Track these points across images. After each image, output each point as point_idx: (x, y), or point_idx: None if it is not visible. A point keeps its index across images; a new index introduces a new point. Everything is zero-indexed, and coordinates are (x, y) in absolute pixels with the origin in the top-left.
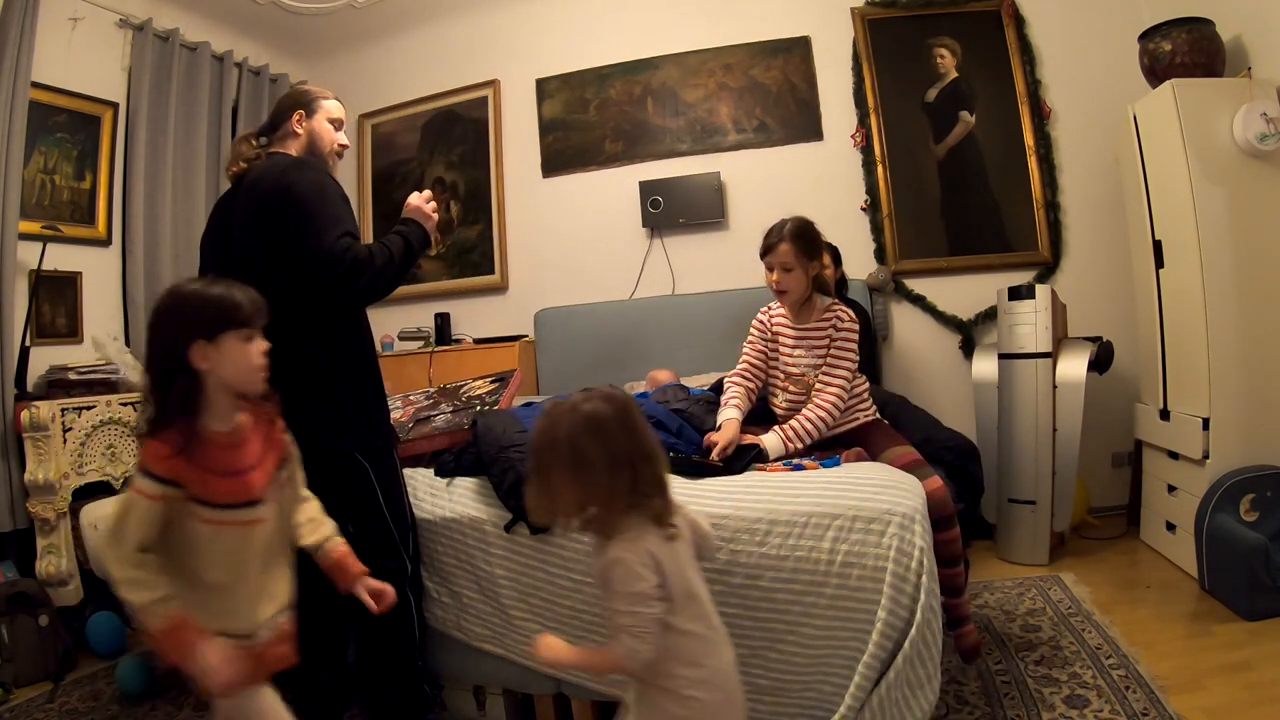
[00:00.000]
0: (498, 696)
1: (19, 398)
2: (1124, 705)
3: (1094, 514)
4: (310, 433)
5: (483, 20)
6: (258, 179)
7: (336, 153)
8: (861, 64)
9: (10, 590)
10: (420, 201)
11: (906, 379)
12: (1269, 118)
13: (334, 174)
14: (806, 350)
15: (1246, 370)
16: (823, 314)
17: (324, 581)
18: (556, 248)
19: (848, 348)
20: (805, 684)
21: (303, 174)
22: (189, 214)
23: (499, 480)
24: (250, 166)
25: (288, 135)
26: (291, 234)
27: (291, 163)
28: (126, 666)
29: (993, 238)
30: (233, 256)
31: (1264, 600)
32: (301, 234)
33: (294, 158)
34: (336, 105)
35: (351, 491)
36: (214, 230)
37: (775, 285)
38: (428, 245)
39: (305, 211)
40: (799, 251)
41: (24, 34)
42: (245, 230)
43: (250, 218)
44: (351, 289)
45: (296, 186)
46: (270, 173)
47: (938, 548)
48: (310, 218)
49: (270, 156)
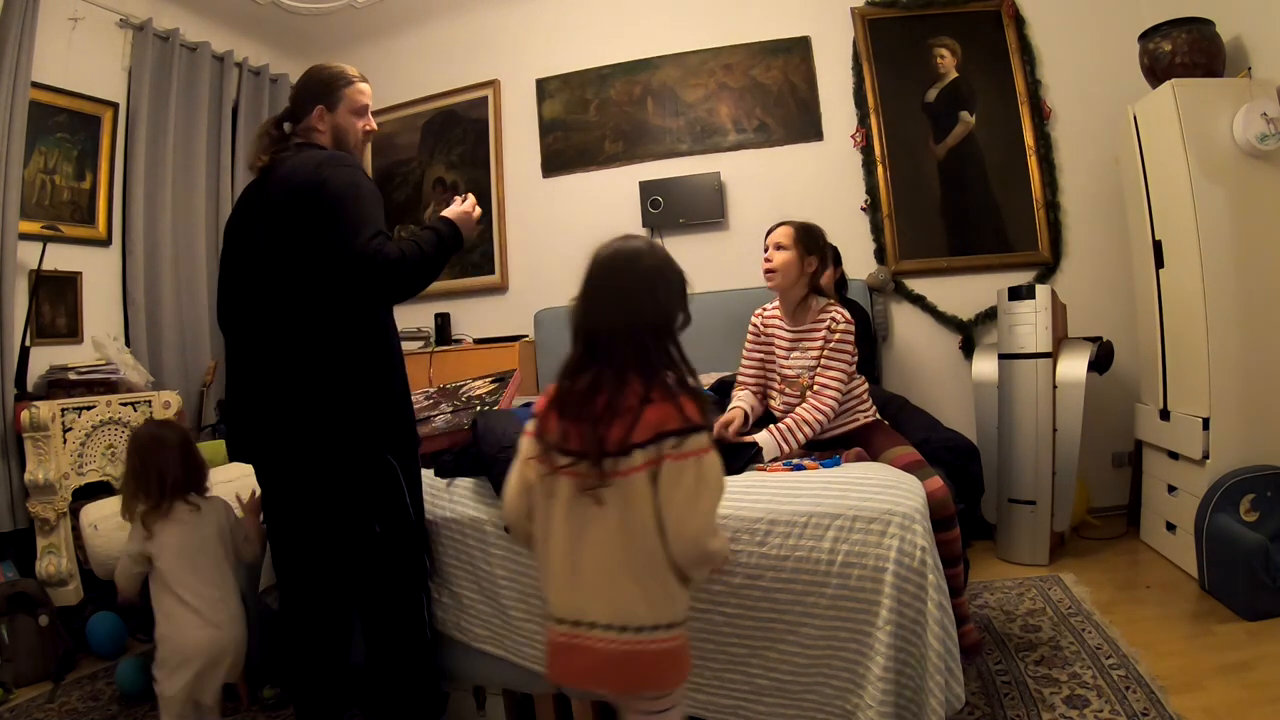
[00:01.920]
0: (498, 696)
1: (19, 398)
2: (1124, 705)
3: (1094, 514)
4: (341, 432)
5: (483, 20)
6: (290, 173)
7: (363, 140)
8: (861, 64)
9: (10, 590)
10: (467, 207)
11: (906, 379)
12: (1269, 118)
13: (364, 163)
14: (802, 352)
15: (1246, 370)
16: (818, 315)
17: (328, 582)
18: (556, 248)
19: (843, 349)
20: (806, 685)
21: (336, 171)
22: (189, 214)
23: (499, 480)
24: (279, 159)
25: (311, 129)
26: (323, 232)
27: (326, 158)
28: (126, 667)
29: (993, 238)
30: (258, 248)
31: (1264, 600)
32: (333, 233)
33: (327, 152)
34: (360, 90)
35: (380, 491)
36: (240, 221)
37: (765, 264)
38: (460, 245)
39: (338, 211)
40: (797, 237)
41: (24, 34)
42: (274, 224)
43: (280, 212)
44: (382, 291)
45: (330, 184)
46: (303, 168)
47: (938, 548)
48: (342, 217)
49: (299, 149)
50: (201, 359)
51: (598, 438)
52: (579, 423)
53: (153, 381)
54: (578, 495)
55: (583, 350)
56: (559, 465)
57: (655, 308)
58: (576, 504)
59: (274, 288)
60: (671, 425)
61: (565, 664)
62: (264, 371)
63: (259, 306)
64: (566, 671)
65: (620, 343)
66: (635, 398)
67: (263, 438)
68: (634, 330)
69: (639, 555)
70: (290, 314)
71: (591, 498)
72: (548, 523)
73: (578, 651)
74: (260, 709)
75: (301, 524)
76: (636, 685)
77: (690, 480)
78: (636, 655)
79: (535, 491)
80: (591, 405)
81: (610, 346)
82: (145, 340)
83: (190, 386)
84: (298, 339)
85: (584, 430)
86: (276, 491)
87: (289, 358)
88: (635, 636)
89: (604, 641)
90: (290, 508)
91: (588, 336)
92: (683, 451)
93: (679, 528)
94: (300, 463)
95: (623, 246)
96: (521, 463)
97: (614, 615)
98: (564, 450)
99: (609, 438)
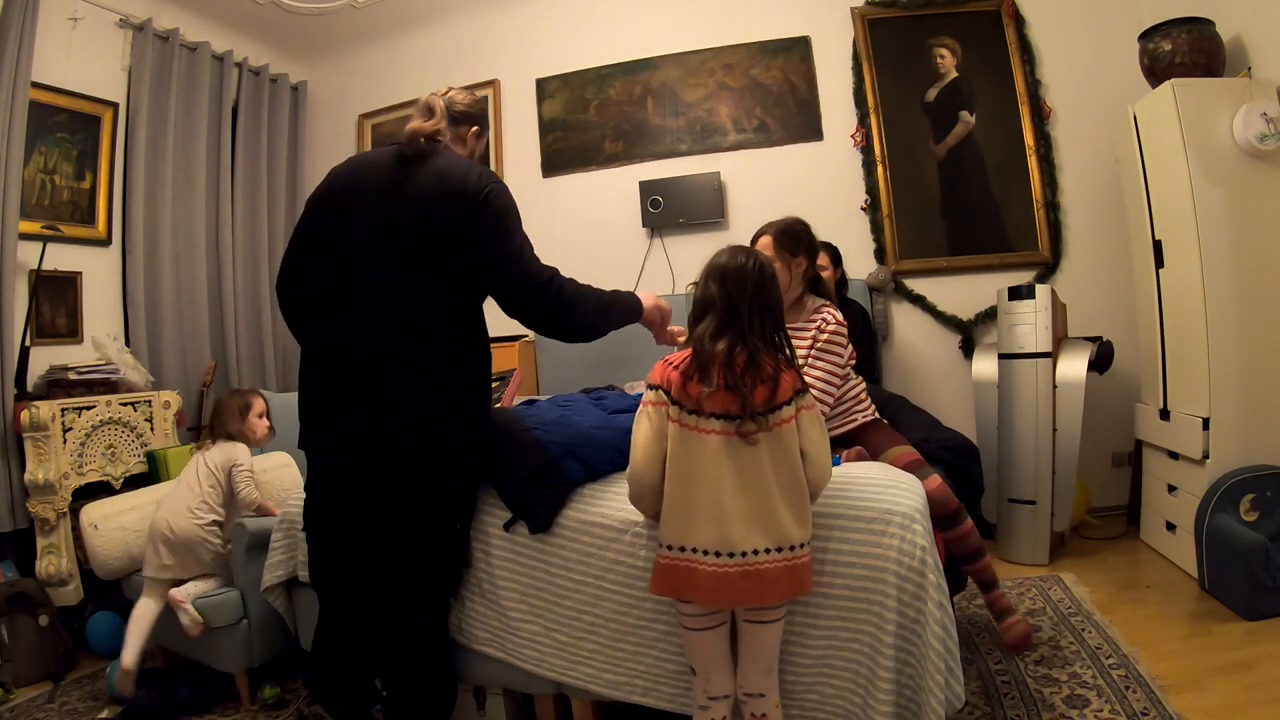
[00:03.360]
0: (498, 697)
1: (19, 398)
2: (1124, 705)
3: (1094, 514)
4: (451, 428)
5: (483, 20)
6: (447, 169)
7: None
8: (861, 64)
9: (10, 590)
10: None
11: (906, 379)
12: (1269, 118)
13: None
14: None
15: (1246, 370)
16: (810, 315)
17: (374, 588)
18: (556, 248)
19: (831, 349)
20: (806, 685)
21: (501, 185)
22: (189, 214)
23: (499, 479)
24: (425, 147)
25: (458, 139)
26: (486, 242)
27: (488, 170)
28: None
29: (993, 238)
30: (399, 231)
31: (1264, 600)
32: (500, 247)
33: (480, 165)
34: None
35: (463, 490)
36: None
37: None
38: (636, 318)
39: (505, 225)
40: (778, 246)
41: (24, 34)
42: (422, 215)
43: (436, 205)
44: (549, 319)
45: (498, 197)
46: (469, 170)
47: (952, 545)
48: (510, 233)
49: (447, 149)
50: (201, 359)
51: (749, 399)
52: (730, 390)
53: (153, 381)
54: (729, 445)
55: (720, 327)
56: (711, 427)
57: (769, 300)
58: (729, 453)
59: (404, 277)
60: (799, 386)
61: (725, 589)
62: (373, 359)
63: (376, 289)
64: (728, 596)
65: (748, 321)
66: (770, 368)
67: (355, 430)
68: (760, 314)
69: (790, 487)
70: (417, 305)
71: (748, 444)
72: (694, 471)
73: (739, 577)
74: (260, 709)
75: (366, 523)
76: (791, 593)
77: (818, 424)
78: (794, 568)
79: (674, 446)
80: (735, 371)
81: (739, 324)
82: (145, 340)
83: (190, 386)
84: (421, 331)
85: (737, 397)
86: (342, 488)
87: (409, 349)
88: (790, 554)
89: (769, 563)
90: (358, 507)
91: (729, 321)
92: (809, 404)
93: (820, 457)
94: (396, 459)
95: (756, 253)
96: (651, 427)
97: (776, 539)
98: (715, 414)
99: (757, 399)
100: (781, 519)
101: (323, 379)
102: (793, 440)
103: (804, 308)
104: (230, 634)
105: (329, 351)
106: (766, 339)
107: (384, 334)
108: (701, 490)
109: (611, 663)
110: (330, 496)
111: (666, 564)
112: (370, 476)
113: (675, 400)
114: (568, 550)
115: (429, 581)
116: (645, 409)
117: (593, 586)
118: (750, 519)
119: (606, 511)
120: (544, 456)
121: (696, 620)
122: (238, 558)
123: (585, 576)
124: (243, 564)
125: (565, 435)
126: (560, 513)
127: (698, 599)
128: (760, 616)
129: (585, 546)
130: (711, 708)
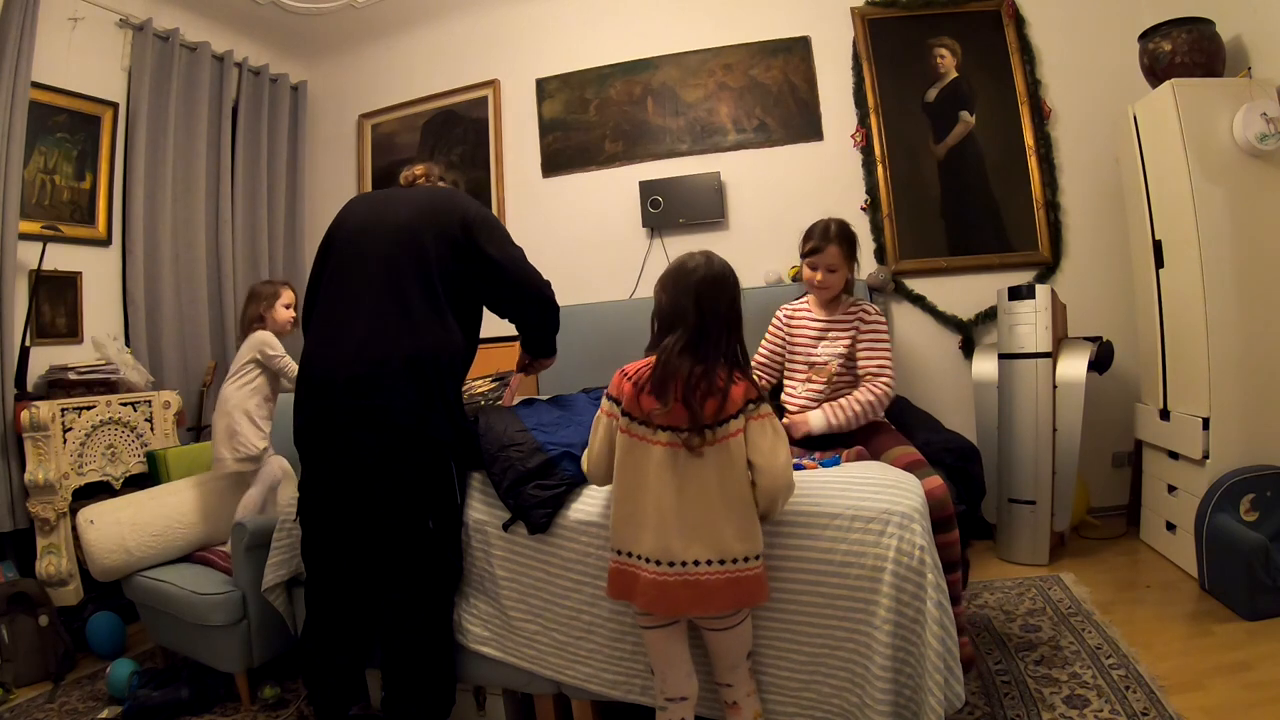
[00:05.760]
0: (498, 697)
1: (19, 398)
2: (1124, 705)
3: (1094, 514)
4: (428, 424)
5: (483, 20)
6: (435, 189)
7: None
8: (861, 64)
9: (10, 590)
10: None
11: (906, 379)
12: (1269, 118)
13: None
14: (830, 341)
15: (1246, 370)
16: (848, 308)
17: (363, 579)
18: (556, 248)
19: (883, 336)
20: (803, 683)
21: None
22: (189, 214)
23: (499, 479)
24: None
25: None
26: (495, 246)
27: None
28: (119, 668)
29: (993, 238)
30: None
31: (1264, 600)
32: (503, 251)
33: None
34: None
35: (438, 488)
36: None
37: (818, 283)
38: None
39: (500, 230)
40: (845, 255)
41: (24, 34)
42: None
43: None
44: (546, 314)
45: (482, 208)
46: (442, 191)
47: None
48: (505, 233)
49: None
50: (201, 359)
51: (699, 413)
52: (681, 404)
53: (153, 381)
54: (674, 457)
55: (688, 345)
56: (658, 439)
57: (737, 314)
58: (673, 465)
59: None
60: (751, 396)
61: (664, 597)
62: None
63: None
64: (668, 604)
65: (715, 339)
66: (722, 380)
67: (341, 421)
68: (725, 330)
69: (733, 500)
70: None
71: (694, 457)
72: (639, 479)
73: (679, 586)
74: (260, 709)
75: (349, 516)
76: (733, 604)
77: (770, 432)
78: (739, 580)
79: (622, 454)
80: (691, 388)
81: (708, 342)
82: (145, 340)
83: (190, 386)
84: (420, 324)
85: (686, 410)
86: (330, 481)
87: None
88: (734, 567)
89: (710, 574)
90: (340, 499)
91: (699, 339)
92: (760, 414)
93: (770, 465)
94: (375, 450)
95: (715, 261)
96: (604, 433)
97: (717, 551)
98: (662, 426)
99: (706, 412)
100: (723, 532)
101: (317, 375)
102: (740, 454)
103: (841, 302)
104: (230, 634)
105: (326, 352)
106: (728, 352)
107: (377, 334)
108: (646, 499)
109: (610, 662)
110: (319, 493)
111: (616, 568)
112: (345, 474)
113: (625, 411)
114: (566, 550)
115: (415, 580)
116: (600, 415)
117: (591, 586)
118: (691, 530)
119: (605, 511)
120: (543, 457)
121: (645, 619)
122: (238, 558)
123: (584, 576)
124: (243, 564)
125: (564, 435)
126: (559, 513)
127: (639, 604)
128: (713, 625)
129: (584, 546)
130: (670, 709)
